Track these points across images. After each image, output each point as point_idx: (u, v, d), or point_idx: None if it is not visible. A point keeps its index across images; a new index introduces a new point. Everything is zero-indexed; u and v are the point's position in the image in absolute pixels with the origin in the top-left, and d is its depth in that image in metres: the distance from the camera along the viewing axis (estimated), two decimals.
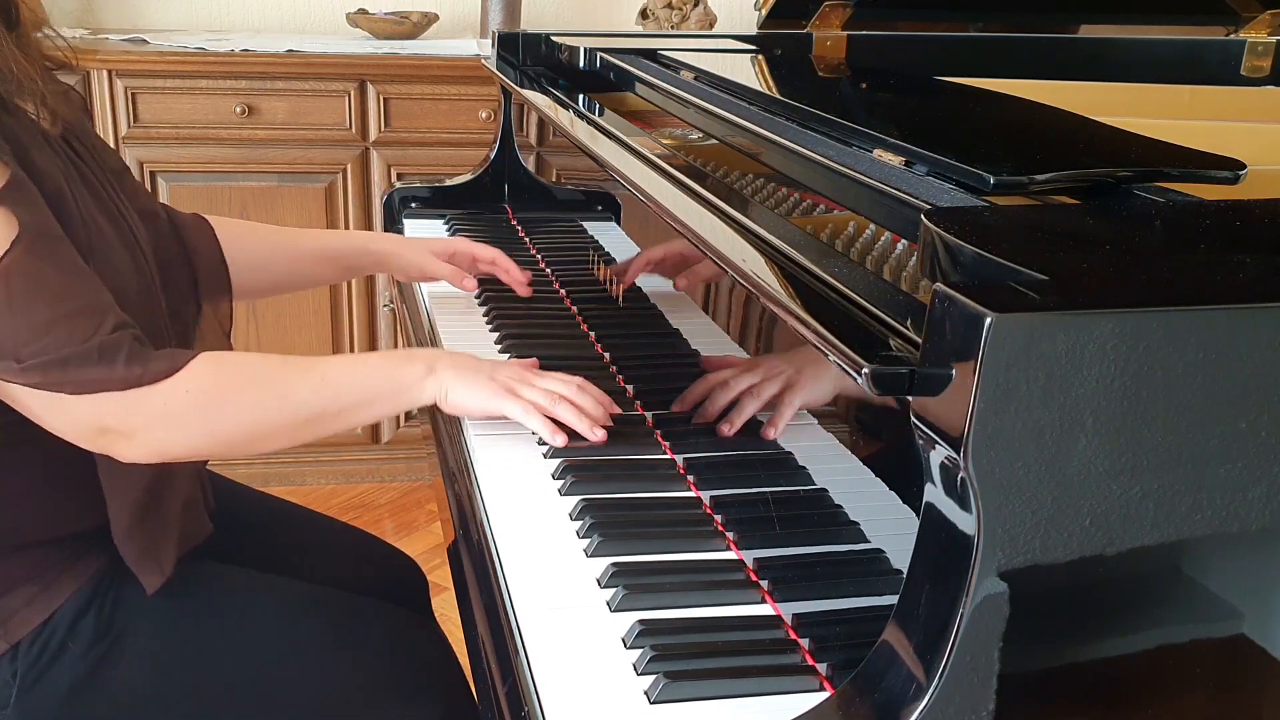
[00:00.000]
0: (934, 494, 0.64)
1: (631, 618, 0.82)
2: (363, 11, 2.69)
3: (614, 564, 0.89)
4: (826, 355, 0.70)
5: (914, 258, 0.86)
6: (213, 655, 1.08)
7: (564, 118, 1.46)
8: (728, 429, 1.04)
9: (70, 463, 1.02)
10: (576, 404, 1.06)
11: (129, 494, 1.04)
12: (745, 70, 1.56)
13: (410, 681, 1.12)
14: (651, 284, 1.36)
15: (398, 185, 1.90)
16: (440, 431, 1.18)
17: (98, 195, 1.07)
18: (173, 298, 1.16)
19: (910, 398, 0.64)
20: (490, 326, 1.38)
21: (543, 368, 1.17)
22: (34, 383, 0.93)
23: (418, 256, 1.40)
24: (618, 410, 1.11)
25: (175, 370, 0.96)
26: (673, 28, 2.71)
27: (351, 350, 2.61)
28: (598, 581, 0.88)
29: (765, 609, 0.85)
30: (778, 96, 1.30)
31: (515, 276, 1.43)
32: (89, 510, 1.04)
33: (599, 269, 1.54)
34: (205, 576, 1.12)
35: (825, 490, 0.94)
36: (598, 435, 1.06)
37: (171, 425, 0.98)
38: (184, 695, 1.07)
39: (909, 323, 0.71)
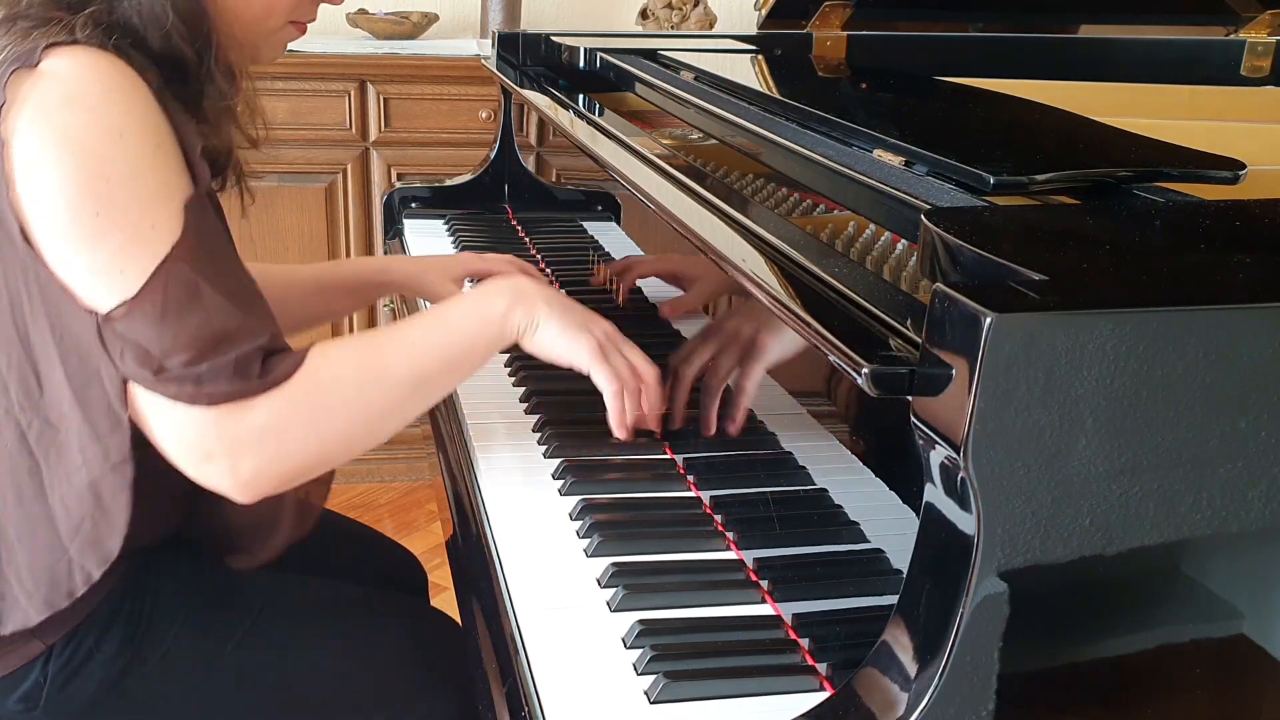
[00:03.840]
0: (934, 494, 0.64)
1: (631, 618, 0.82)
2: (363, 11, 2.69)
3: (614, 564, 0.89)
4: (827, 355, 0.70)
5: (914, 258, 0.86)
6: (235, 662, 1.08)
7: (564, 118, 1.46)
8: (708, 429, 1.02)
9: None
10: (644, 397, 1.01)
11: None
12: (745, 70, 1.56)
13: (425, 677, 1.12)
14: (651, 285, 1.36)
15: (398, 185, 1.90)
16: (440, 431, 1.18)
17: None
18: None
19: (910, 398, 0.64)
20: None
21: (543, 368, 1.17)
22: (169, 393, 0.88)
23: (434, 283, 1.32)
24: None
25: (293, 371, 0.91)
26: (673, 28, 2.71)
27: None
28: (598, 581, 0.88)
29: (765, 609, 0.85)
30: (778, 96, 1.30)
31: None
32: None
33: (599, 269, 1.54)
34: (229, 583, 1.11)
35: (825, 490, 0.94)
36: (625, 435, 1.01)
37: (276, 440, 0.91)
38: (206, 700, 1.07)
39: (909, 323, 0.71)
